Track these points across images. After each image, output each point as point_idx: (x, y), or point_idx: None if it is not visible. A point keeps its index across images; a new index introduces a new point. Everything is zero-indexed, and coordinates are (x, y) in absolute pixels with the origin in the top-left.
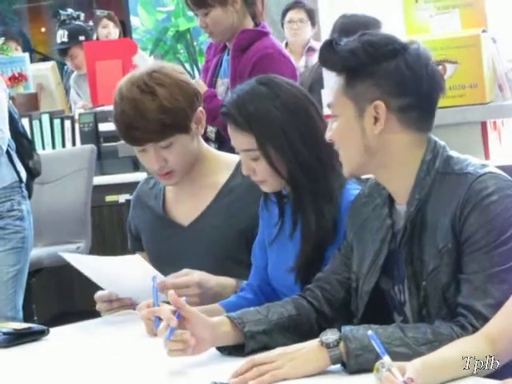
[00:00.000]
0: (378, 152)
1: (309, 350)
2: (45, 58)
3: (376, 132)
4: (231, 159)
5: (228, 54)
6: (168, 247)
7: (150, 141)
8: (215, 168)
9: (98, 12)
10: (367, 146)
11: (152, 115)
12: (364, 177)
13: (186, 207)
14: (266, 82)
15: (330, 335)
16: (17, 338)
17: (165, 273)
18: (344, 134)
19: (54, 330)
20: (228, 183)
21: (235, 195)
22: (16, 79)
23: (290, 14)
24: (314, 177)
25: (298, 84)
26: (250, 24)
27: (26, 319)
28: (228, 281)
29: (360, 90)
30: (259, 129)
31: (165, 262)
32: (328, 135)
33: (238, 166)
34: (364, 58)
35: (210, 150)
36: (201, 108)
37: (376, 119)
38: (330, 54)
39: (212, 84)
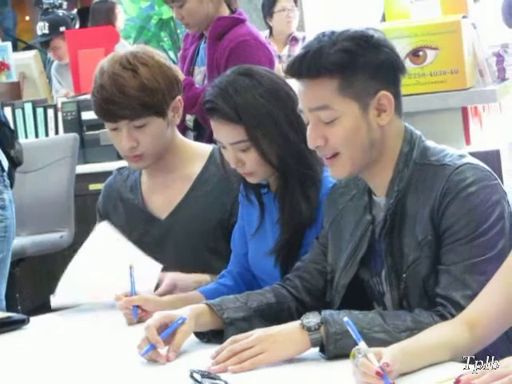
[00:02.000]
0: (376, 144)
1: (289, 333)
2: (29, 47)
3: (383, 123)
4: (204, 150)
5: (205, 42)
6: (146, 240)
7: (124, 118)
8: (189, 159)
9: None
10: (372, 140)
11: (131, 91)
12: None
13: (161, 199)
14: (245, 72)
15: (312, 318)
16: None
17: None
18: (351, 135)
19: (34, 319)
20: (202, 174)
21: (209, 186)
22: None
23: (283, 3)
24: (303, 160)
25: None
26: (225, 11)
27: (9, 309)
28: (202, 277)
29: (359, 86)
30: (249, 119)
31: None
32: (321, 142)
33: (211, 156)
34: (357, 51)
35: (184, 140)
36: (180, 97)
37: (379, 110)
38: (322, 58)
39: (190, 73)
